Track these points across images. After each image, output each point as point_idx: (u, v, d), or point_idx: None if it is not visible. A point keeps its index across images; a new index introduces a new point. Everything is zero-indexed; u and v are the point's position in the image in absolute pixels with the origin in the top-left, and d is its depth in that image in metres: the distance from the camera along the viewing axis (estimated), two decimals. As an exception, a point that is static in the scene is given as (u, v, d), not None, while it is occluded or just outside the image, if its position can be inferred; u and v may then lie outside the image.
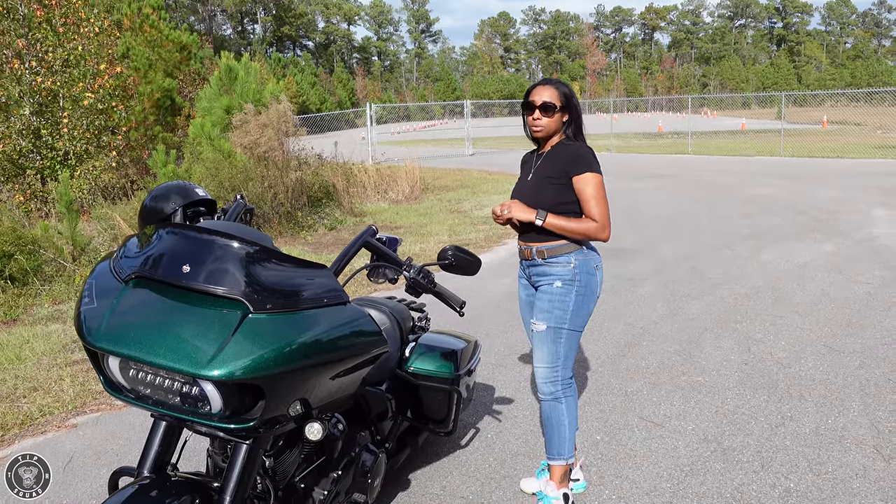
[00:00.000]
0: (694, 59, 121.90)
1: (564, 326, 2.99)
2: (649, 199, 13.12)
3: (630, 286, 6.97)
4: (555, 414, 3.08)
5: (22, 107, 11.52)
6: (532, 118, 3.03)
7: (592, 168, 2.94)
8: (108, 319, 1.84)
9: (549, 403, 3.08)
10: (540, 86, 3.04)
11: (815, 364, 4.78)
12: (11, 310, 6.69)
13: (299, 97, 56.10)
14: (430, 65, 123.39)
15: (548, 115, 2.99)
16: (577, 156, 2.96)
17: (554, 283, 3.00)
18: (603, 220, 2.93)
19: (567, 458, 3.10)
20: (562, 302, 2.98)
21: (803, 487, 3.27)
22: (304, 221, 11.07)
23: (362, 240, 2.38)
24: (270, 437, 2.16)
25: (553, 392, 3.06)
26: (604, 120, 29.84)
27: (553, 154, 3.05)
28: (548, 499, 3.07)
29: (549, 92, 3.00)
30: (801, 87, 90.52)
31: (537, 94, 3.01)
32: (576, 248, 3.00)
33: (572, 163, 2.95)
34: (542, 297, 3.04)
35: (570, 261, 2.99)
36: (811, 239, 8.91)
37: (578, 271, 2.99)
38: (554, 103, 2.98)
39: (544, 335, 3.02)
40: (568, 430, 3.09)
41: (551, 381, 3.04)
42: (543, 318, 3.01)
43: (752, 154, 22.76)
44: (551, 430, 3.10)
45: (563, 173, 2.95)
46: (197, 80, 18.96)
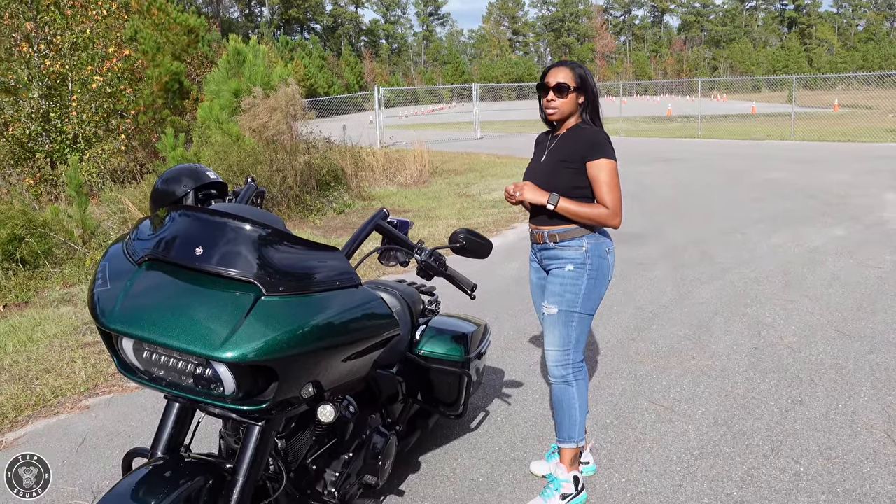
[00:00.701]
0: (704, 41, 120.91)
1: (576, 310, 2.98)
2: (659, 183, 13.07)
3: (639, 270, 6.95)
4: (565, 397, 3.08)
5: (31, 90, 11.54)
6: (546, 100, 3.00)
7: (607, 154, 2.92)
8: (122, 301, 1.84)
9: (560, 387, 3.08)
10: (555, 67, 3.01)
11: (826, 348, 4.76)
12: (23, 292, 6.73)
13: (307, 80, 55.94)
14: (439, 48, 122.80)
15: (562, 97, 2.96)
16: (593, 141, 2.93)
17: (566, 267, 2.98)
18: (615, 207, 2.91)
19: (577, 441, 3.11)
20: (573, 285, 2.97)
21: (813, 471, 3.27)
22: (312, 205, 11.07)
23: (374, 222, 2.38)
24: (283, 418, 2.17)
25: (564, 375, 3.06)
26: (613, 103, 29.65)
27: (568, 137, 3.02)
28: (558, 481, 3.08)
29: (563, 73, 2.96)
30: (813, 70, 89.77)
31: (552, 76, 2.98)
32: (588, 231, 2.98)
33: (588, 148, 2.92)
34: (553, 281, 3.02)
35: (583, 244, 2.97)
36: (822, 223, 8.86)
37: (590, 255, 2.98)
38: (568, 84, 2.94)
39: (556, 318, 3.01)
40: (578, 414, 3.09)
41: (562, 364, 3.04)
42: (555, 301, 3.00)
43: (762, 138, 22.61)
44: (562, 413, 3.11)
45: (578, 158, 2.93)
46: (205, 64, 18.92)
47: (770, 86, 56.48)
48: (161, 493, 1.85)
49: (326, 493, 2.48)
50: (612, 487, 3.22)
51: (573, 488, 3.07)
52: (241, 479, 1.99)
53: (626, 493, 3.16)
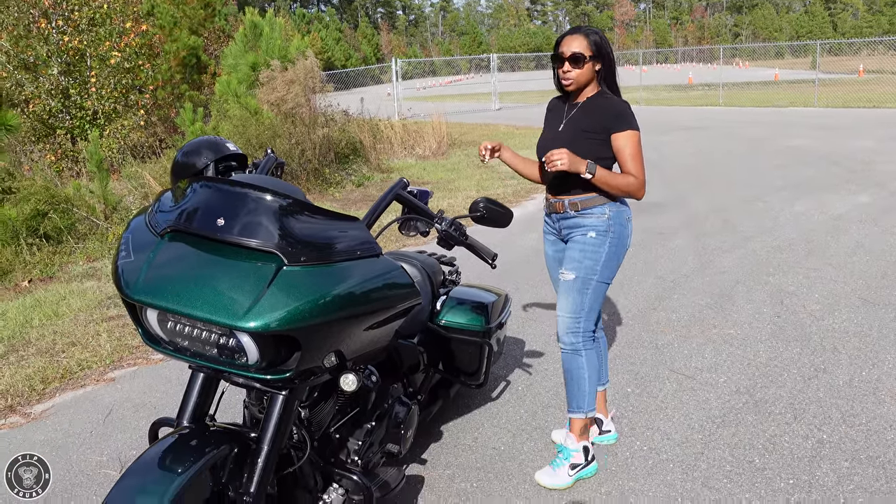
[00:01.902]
0: (725, 8, 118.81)
1: (594, 277, 2.95)
2: (679, 152, 12.94)
3: (660, 239, 6.91)
4: (574, 366, 3.04)
5: (50, 66, 11.59)
6: (562, 71, 2.91)
7: (633, 125, 2.87)
8: (146, 273, 1.86)
9: (569, 355, 3.04)
10: (569, 35, 2.91)
11: (850, 316, 4.72)
12: (47, 267, 6.81)
13: (324, 53, 55.75)
14: (456, 18, 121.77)
15: (578, 67, 2.87)
16: (618, 111, 2.87)
17: (588, 234, 2.95)
18: (642, 178, 2.87)
19: (587, 411, 3.07)
20: (594, 252, 2.93)
21: (836, 438, 3.26)
22: (331, 178, 11.07)
23: (394, 192, 2.37)
24: (306, 388, 2.19)
25: (574, 343, 3.01)
26: (632, 72, 29.26)
27: (590, 107, 2.95)
28: (567, 451, 3.07)
29: (578, 41, 2.87)
30: (837, 35, 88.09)
31: (566, 45, 2.88)
32: (609, 199, 2.94)
33: (613, 119, 2.87)
34: (573, 248, 2.98)
35: (605, 212, 2.93)
36: (846, 190, 8.75)
37: (613, 222, 2.94)
38: (584, 54, 2.85)
39: (571, 284, 2.97)
40: (588, 384, 3.04)
41: (573, 331, 3.00)
42: (573, 267, 2.96)
43: (785, 105, 22.29)
44: (571, 382, 3.07)
45: (602, 129, 2.87)
46: (222, 38, 18.90)
47: (793, 52, 55.50)
48: (187, 461, 1.88)
49: (349, 462, 2.50)
50: (634, 455, 3.23)
51: (583, 458, 3.06)
52: (265, 447, 2.01)
53: (648, 461, 3.17)
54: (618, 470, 3.13)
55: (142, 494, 1.79)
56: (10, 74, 11.41)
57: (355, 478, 2.35)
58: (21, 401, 4.09)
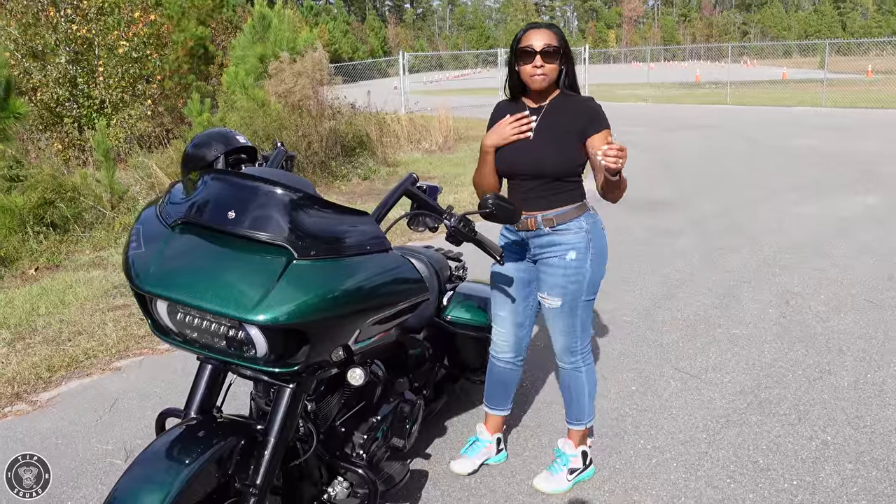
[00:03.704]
0: (734, 5, 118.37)
1: (581, 298, 2.79)
2: (686, 151, 12.91)
3: (666, 238, 6.91)
4: (576, 383, 2.99)
5: (58, 55, 11.59)
6: (533, 66, 2.64)
7: (607, 123, 2.71)
8: (157, 264, 1.86)
9: (570, 373, 2.98)
10: (534, 30, 2.67)
11: (856, 318, 4.72)
12: (54, 256, 6.83)
13: (331, 45, 55.69)
14: (464, 13, 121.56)
15: (551, 62, 2.64)
16: (593, 111, 2.70)
17: (567, 255, 2.74)
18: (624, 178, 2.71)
19: (586, 422, 3.05)
20: (577, 274, 2.75)
21: (840, 440, 3.26)
22: (337, 171, 11.08)
23: (403, 188, 2.37)
24: (313, 381, 2.19)
25: (574, 362, 2.94)
26: (640, 69, 29.22)
27: (561, 108, 2.74)
28: (566, 456, 3.05)
29: (547, 35, 2.64)
30: (846, 34, 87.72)
31: (535, 39, 2.64)
32: (584, 210, 2.78)
33: (588, 120, 2.68)
34: (552, 272, 2.77)
35: (582, 225, 2.76)
36: (853, 191, 8.73)
37: (592, 236, 2.78)
38: (557, 47, 2.64)
39: (559, 311, 2.81)
40: (587, 398, 3.00)
41: (571, 351, 2.92)
42: (558, 293, 2.78)
43: (793, 104, 22.22)
44: (570, 397, 3.03)
45: (578, 131, 2.68)
46: (229, 28, 18.91)
47: (802, 51, 55.25)
48: (195, 451, 1.89)
49: (355, 456, 2.51)
50: (638, 454, 3.23)
51: (581, 463, 3.05)
52: (272, 439, 2.02)
53: (652, 460, 3.18)
54: (621, 468, 3.13)
55: (149, 484, 1.80)
56: (19, 62, 11.42)
57: (360, 471, 2.36)
58: (27, 388, 4.10)
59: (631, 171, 11.54)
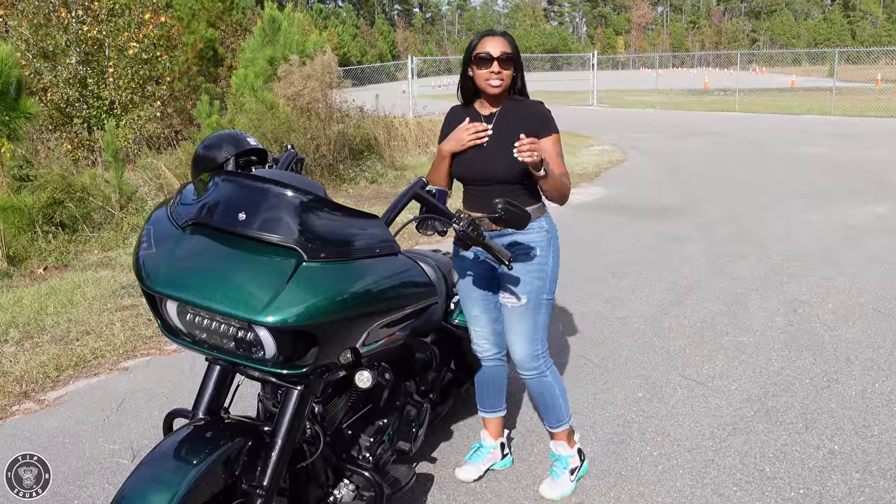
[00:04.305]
0: (744, 13, 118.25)
1: (544, 296, 2.84)
2: (694, 158, 12.90)
3: (674, 245, 6.90)
4: (545, 388, 2.96)
5: (69, 56, 11.64)
6: (490, 71, 2.70)
7: (556, 128, 2.79)
8: (167, 265, 1.87)
9: (537, 380, 2.94)
10: (489, 37, 2.74)
11: (864, 327, 4.70)
12: (63, 255, 6.86)
13: (340, 49, 55.83)
14: (472, 17, 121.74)
15: (508, 68, 2.71)
16: (543, 115, 2.78)
17: (530, 253, 2.81)
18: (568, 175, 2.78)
19: (567, 420, 3.04)
20: (540, 270, 2.82)
21: (848, 449, 3.25)
22: (345, 174, 11.10)
23: (412, 191, 2.37)
24: (321, 383, 2.20)
25: (537, 367, 2.91)
26: (648, 76, 29.22)
27: (512, 113, 2.80)
28: (565, 458, 3.05)
29: (503, 42, 2.72)
30: (856, 43, 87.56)
31: (491, 46, 2.71)
32: (543, 211, 2.86)
33: (539, 124, 2.75)
34: (516, 270, 2.81)
35: (543, 225, 2.84)
36: (861, 200, 8.70)
37: (551, 235, 2.87)
38: (510, 54, 2.71)
39: (524, 310, 2.83)
40: (561, 398, 2.99)
41: (533, 355, 2.89)
42: (523, 290, 2.81)
43: (801, 112, 22.17)
44: (546, 403, 3.00)
45: (533, 134, 2.65)
46: (239, 31, 18.97)
47: (811, 59, 55.18)
48: (203, 452, 1.89)
49: (361, 458, 2.52)
50: (644, 461, 3.23)
51: (578, 461, 3.09)
52: (279, 441, 2.03)
53: (658, 467, 3.17)
54: (627, 475, 3.13)
55: (157, 484, 1.81)
56: (30, 62, 11.47)
57: (367, 474, 2.36)
58: (35, 387, 4.12)
59: (639, 177, 11.57)
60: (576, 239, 7.22)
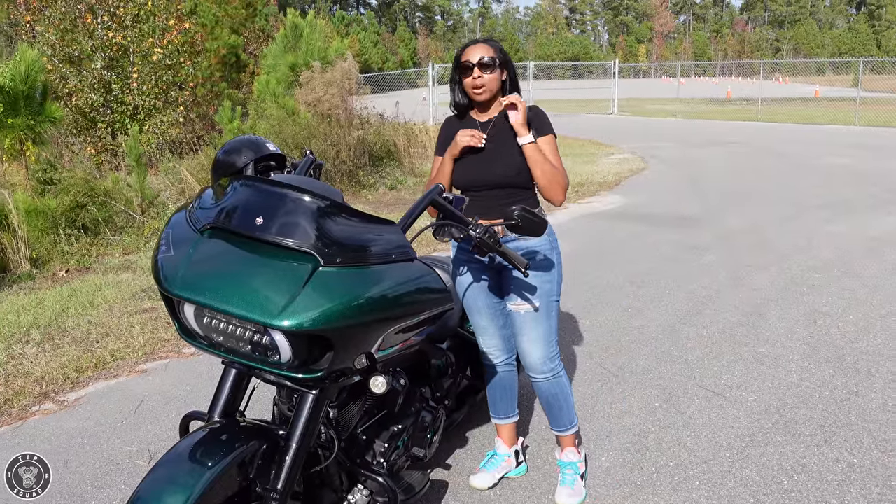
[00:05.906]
0: (767, 22, 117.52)
1: (553, 298, 2.88)
2: (715, 167, 12.82)
3: (693, 255, 6.85)
4: (560, 390, 2.98)
5: (94, 61, 11.80)
6: (472, 78, 2.75)
7: (552, 130, 2.83)
8: (185, 268, 1.89)
9: (551, 381, 2.95)
10: (470, 46, 2.80)
11: (885, 340, 4.64)
12: (84, 258, 6.94)
13: (362, 56, 56.12)
14: (494, 25, 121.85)
15: (489, 72, 2.74)
16: (538, 116, 2.82)
17: (537, 257, 2.83)
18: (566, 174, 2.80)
19: (576, 423, 3.07)
20: (548, 274, 2.86)
21: (868, 463, 3.21)
22: (365, 180, 11.14)
23: (430, 198, 2.38)
24: (336, 388, 2.21)
25: (553, 368, 2.93)
26: (670, 84, 29.10)
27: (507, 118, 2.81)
28: (575, 464, 3.05)
29: (482, 49, 2.76)
30: (881, 53, 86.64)
31: (470, 54, 2.76)
32: (545, 213, 2.86)
33: (535, 125, 2.78)
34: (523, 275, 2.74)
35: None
36: (885, 211, 8.60)
37: (552, 238, 2.91)
38: (493, 58, 2.74)
39: (537, 315, 2.85)
40: (571, 398, 3.04)
41: (549, 357, 2.91)
42: (535, 295, 2.84)
43: (824, 122, 21.98)
44: (558, 405, 3.01)
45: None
46: (261, 38, 19.13)
47: (835, 69, 54.73)
48: (218, 455, 1.91)
49: (375, 464, 2.52)
50: (660, 471, 3.20)
51: (584, 466, 3.12)
52: (294, 445, 2.04)
53: (674, 477, 3.15)
54: (643, 485, 3.11)
55: (172, 486, 1.83)
56: (56, 67, 11.65)
57: (381, 480, 2.36)
58: (55, 388, 4.17)
59: (659, 186, 11.50)
60: (594, 247, 7.20)
